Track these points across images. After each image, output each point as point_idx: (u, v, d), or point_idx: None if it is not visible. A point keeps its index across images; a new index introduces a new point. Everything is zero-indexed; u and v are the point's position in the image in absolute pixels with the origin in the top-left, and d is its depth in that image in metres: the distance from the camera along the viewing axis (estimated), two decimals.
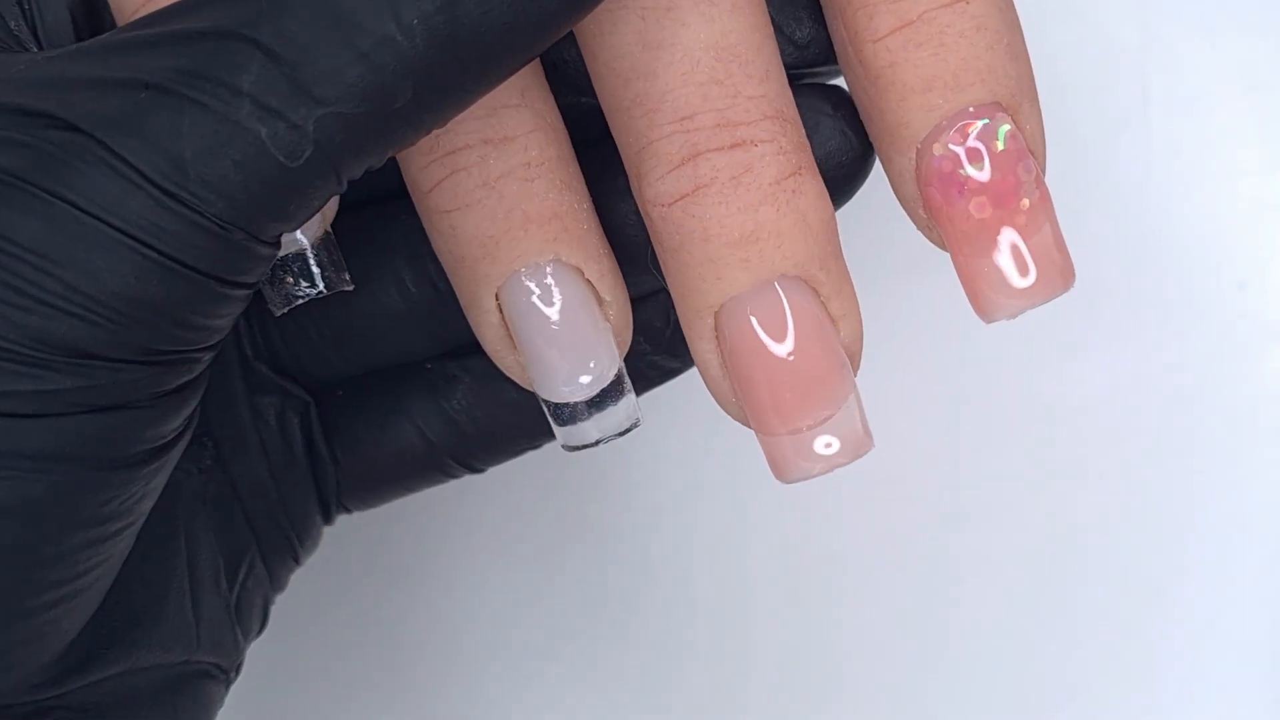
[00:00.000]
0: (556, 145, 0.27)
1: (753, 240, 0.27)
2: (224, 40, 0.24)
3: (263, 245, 0.25)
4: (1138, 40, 0.46)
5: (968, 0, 0.27)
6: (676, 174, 0.27)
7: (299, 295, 0.28)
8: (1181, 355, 0.44)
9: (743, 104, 0.27)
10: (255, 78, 0.24)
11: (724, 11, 0.26)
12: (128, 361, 0.25)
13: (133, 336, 0.25)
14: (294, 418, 0.32)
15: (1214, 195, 0.45)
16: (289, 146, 0.24)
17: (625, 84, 0.27)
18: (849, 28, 0.27)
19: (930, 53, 0.27)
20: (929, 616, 0.44)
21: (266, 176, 0.24)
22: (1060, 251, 0.28)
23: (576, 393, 0.28)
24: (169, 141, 0.24)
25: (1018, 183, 0.27)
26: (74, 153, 0.24)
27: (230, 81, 0.24)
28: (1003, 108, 0.27)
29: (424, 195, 0.27)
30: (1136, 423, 0.45)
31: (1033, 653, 0.44)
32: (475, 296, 0.28)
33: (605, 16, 0.26)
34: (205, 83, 0.24)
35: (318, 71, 0.24)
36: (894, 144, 0.28)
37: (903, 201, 0.28)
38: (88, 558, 0.26)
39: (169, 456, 0.27)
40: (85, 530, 0.26)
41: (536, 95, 0.27)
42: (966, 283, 0.28)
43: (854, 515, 0.44)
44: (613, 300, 0.28)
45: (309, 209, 0.25)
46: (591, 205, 0.28)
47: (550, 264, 0.27)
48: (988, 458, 0.46)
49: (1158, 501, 0.44)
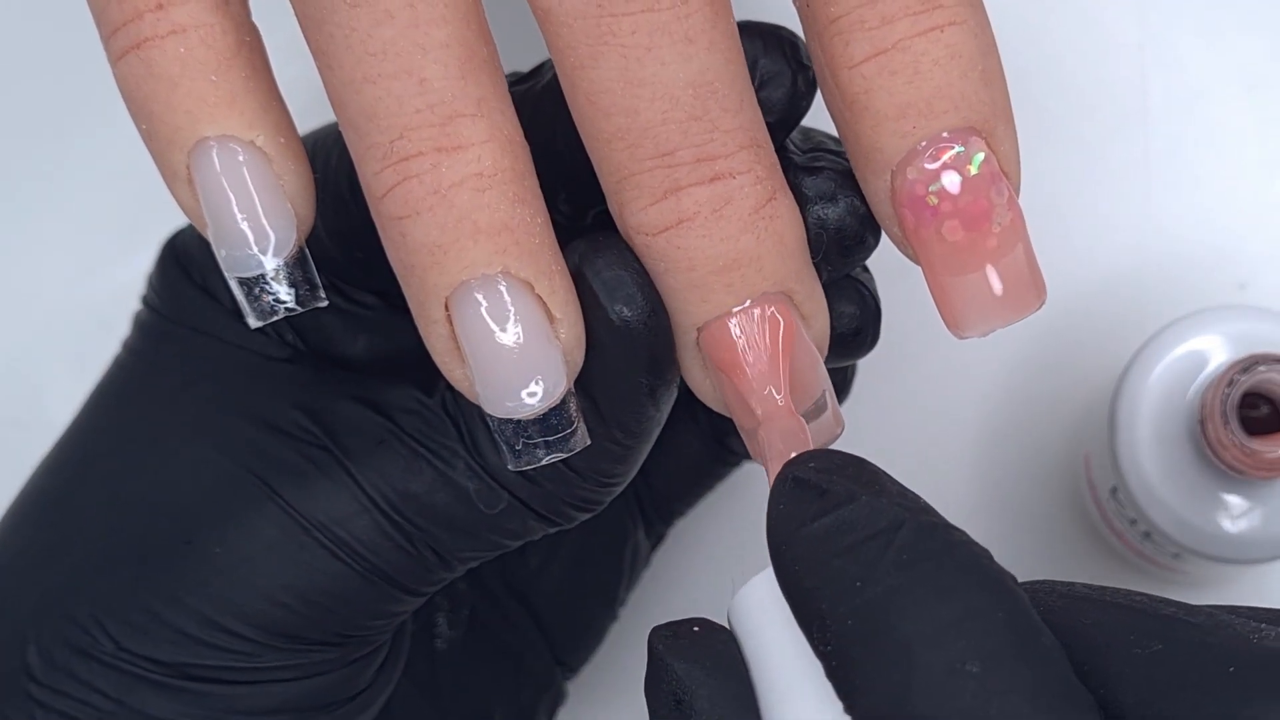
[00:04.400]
0: (512, 158, 0.27)
1: (735, 267, 0.28)
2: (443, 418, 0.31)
3: (450, 570, 0.32)
4: (1138, 40, 0.46)
5: (942, 29, 0.27)
6: (659, 207, 0.27)
7: (274, 310, 0.28)
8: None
9: (720, 138, 0.27)
10: (465, 450, 0.31)
11: (702, 49, 0.27)
12: (319, 645, 0.31)
13: (330, 626, 0.31)
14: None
15: (1214, 195, 0.46)
16: (489, 499, 0.30)
17: (606, 118, 0.27)
18: (826, 53, 0.27)
19: (905, 80, 0.27)
20: None
21: (471, 518, 0.31)
22: (1032, 271, 0.28)
23: (520, 409, 0.28)
24: (399, 480, 0.31)
25: (989, 206, 0.27)
26: (322, 469, 0.31)
27: (449, 446, 0.31)
28: (977, 132, 0.27)
29: (377, 201, 0.27)
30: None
31: None
32: (424, 305, 0.28)
33: (586, 51, 0.27)
34: (433, 443, 0.31)
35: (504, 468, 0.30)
36: (868, 167, 0.28)
37: (879, 221, 0.29)
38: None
39: (357, 704, 0.33)
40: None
41: (494, 106, 0.27)
42: (939, 301, 0.28)
43: None
44: (564, 318, 0.28)
45: (504, 545, 0.31)
46: (548, 220, 0.28)
47: (500, 277, 0.27)
48: (988, 458, 0.46)
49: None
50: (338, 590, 0.31)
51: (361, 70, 0.27)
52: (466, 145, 0.27)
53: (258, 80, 0.28)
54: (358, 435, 0.31)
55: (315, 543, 0.30)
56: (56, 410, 0.36)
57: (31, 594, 0.32)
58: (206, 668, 0.31)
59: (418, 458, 0.31)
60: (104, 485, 0.32)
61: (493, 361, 0.27)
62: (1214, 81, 0.46)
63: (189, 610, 0.31)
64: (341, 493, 0.31)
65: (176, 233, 0.35)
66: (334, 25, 0.27)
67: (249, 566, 0.30)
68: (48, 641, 0.31)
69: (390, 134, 0.27)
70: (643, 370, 0.29)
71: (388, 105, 0.26)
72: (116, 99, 0.28)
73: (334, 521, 0.30)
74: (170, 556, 0.31)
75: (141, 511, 0.32)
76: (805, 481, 0.25)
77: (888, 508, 0.24)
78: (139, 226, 0.38)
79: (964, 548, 0.24)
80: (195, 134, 0.28)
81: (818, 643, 0.24)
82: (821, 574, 0.24)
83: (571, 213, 0.32)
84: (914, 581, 0.24)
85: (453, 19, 0.27)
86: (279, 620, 0.31)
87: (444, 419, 0.31)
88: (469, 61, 0.27)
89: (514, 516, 0.31)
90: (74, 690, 0.31)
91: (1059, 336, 0.45)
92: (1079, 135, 0.46)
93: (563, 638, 0.39)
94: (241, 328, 0.33)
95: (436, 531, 0.31)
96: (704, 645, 0.26)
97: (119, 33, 0.28)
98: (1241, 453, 0.37)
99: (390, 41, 0.26)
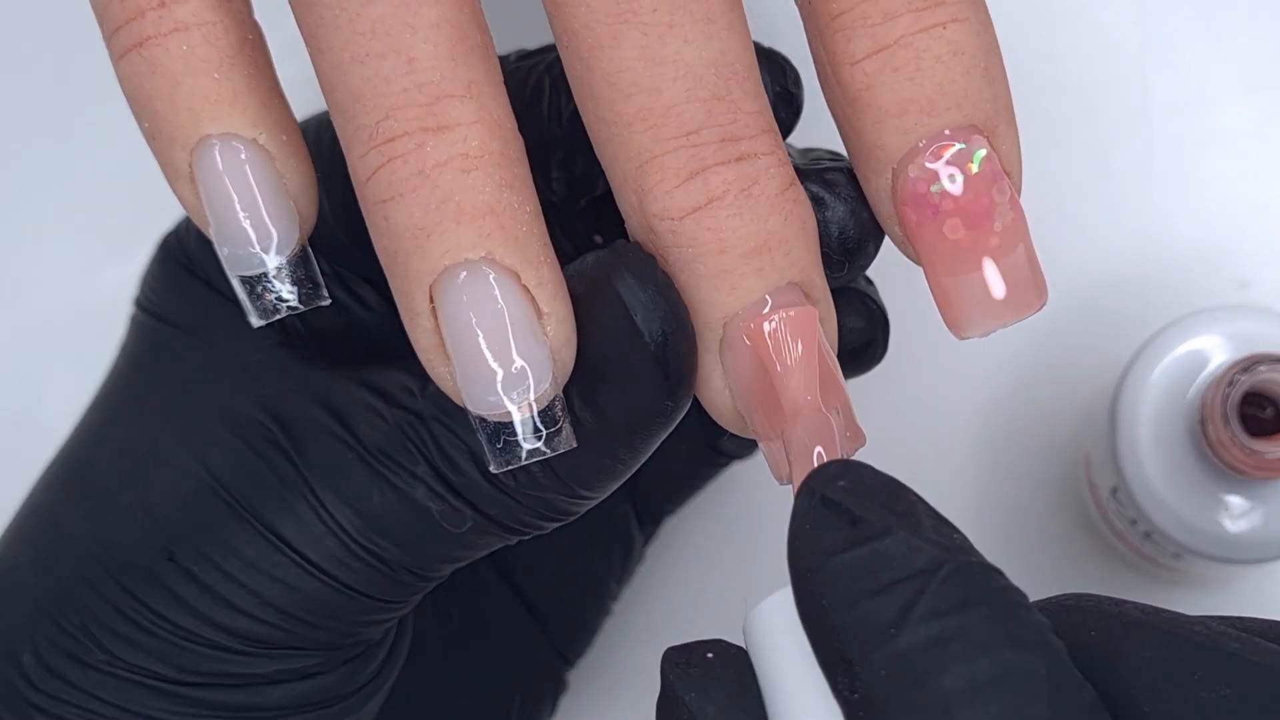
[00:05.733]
0: (501, 142, 0.26)
1: (765, 250, 0.27)
2: (405, 435, 0.30)
3: (428, 581, 0.31)
4: (1138, 40, 0.46)
5: (944, 26, 0.27)
6: (686, 187, 0.27)
7: (276, 309, 0.28)
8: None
9: (744, 119, 0.27)
10: (428, 469, 0.30)
11: (723, 30, 0.27)
12: (310, 650, 0.31)
13: (311, 636, 0.31)
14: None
15: (1215, 195, 0.45)
16: (453, 520, 0.30)
17: (626, 98, 0.27)
18: (827, 50, 0.27)
19: (906, 77, 0.27)
20: None
21: (436, 537, 0.30)
22: (1034, 271, 0.28)
23: (499, 404, 0.27)
24: (362, 504, 0.30)
25: (991, 204, 0.27)
26: (290, 490, 0.30)
27: (410, 468, 0.30)
28: (978, 130, 0.27)
29: (362, 185, 0.27)
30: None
31: None
32: (408, 296, 0.27)
33: (605, 30, 0.26)
34: (392, 462, 0.30)
35: (472, 482, 0.30)
36: (869, 164, 0.28)
37: (880, 219, 0.29)
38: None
39: (361, 696, 0.33)
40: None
41: (485, 90, 0.26)
42: (940, 300, 0.28)
43: None
44: (552, 313, 0.27)
45: (475, 556, 0.31)
46: (538, 210, 0.27)
47: (484, 263, 0.26)
48: (988, 458, 0.46)
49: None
50: (318, 606, 0.31)
51: (350, 50, 0.26)
52: (453, 125, 0.26)
53: (260, 78, 0.28)
54: (325, 453, 0.30)
55: (290, 562, 0.30)
56: (56, 410, 0.36)
57: (27, 606, 0.32)
58: (201, 673, 0.31)
59: (378, 478, 0.30)
60: (95, 498, 0.32)
61: (475, 354, 0.27)
62: (1215, 82, 0.46)
63: (173, 625, 0.31)
64: (308, 515, 0.30)
65: (169, 231, 0.35)
66: (323, 6, 0.26)
67: (229, 584, 0.30)
68: (44, 650, 0.31)
69: (376, 114, 0.26)
70: (667, 394, 0.28)
71: (375, 85, 0.26)
72: (118, 97, 0.28)
73: (303, 544, 0.30)
74: (152, 571, 0.31)
75: (127, 525, 0.32)
76: (835, 504, 0.24)
77: (925, 547, 0.23)
78: (139, 226, 0.38)
79: (1002, 594, 0.23)
80: (198, 132, 0.28)
81: (842, 687, 0.23)
82: (851, 614, 0.23)
83: (567, 197, 0.31)
84: (953, 634, 0.23)
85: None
86: (264, 634, 0.31)
87: (402, 436, 0.30)
88: (460, 44, 0.26)
89: (483, 533, 0.30)
90: (72, 697, 0.31)
91: (1059, 336, 0.45)
92: (1080, 136, 0.46)
93: (559, 630, 0.39)
94: (238, 322, 0.33)
95: (402, 553, 0.30)
96: (717, 676, 0.25)
97: (121, 31, 0.28)
98: (1242, 453, 0.37)
99: (379, 20, 0.26)
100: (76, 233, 0.48)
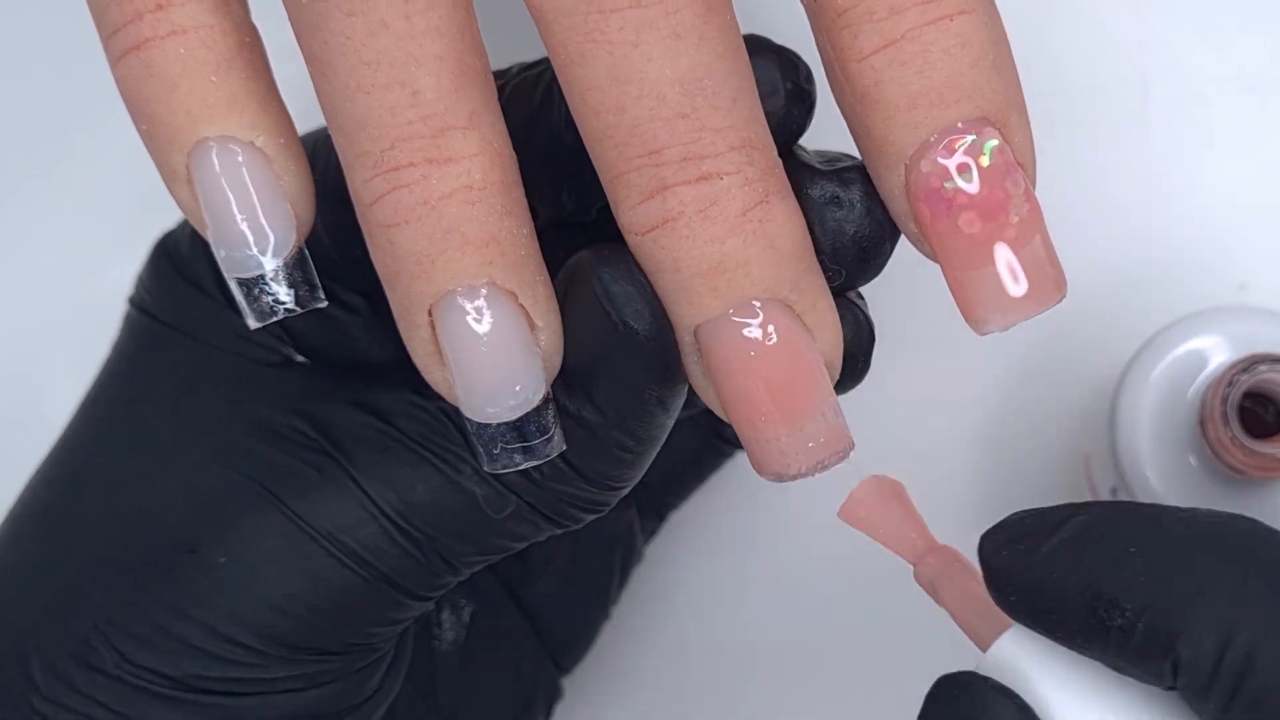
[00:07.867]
0: (500, 170, 0.27)
1: (720, 271, 0.27)
2: (450, 422, 0.31)
3: (455, 573, 0.31)
4: (1138, 40, 0.46)
5: (951, 18, 0.27)
6: (646, 206, 0.27)
7: (274, 311, 0.28)
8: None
9: (709, 137, 0.27)
10: (472, 455, 0.30)
11: (690, 45, 0.27)
12: (324, 654, 0.31)
13: (335, 634, 0.31)
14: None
15: (1214, 195, 0.45)
16: (496, 504, 0.30)
17: (595, 115, 0.27)
18: (835, 46, 0.27)
19: (915, 71, 0.27)
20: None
21: (477, 523, 0.30)
22: (1052, 263, 0.28)
23: (501, 414, 0.28)
24: (405, 487, 0.30)
25: (1006, 197, 0.27)
26: (326, 477, 0.31)
27: (456, 450, 0.30)
28: (990, 122, 0.27)
29: (366, 207, 0.27)
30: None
31: None
32: (408, 311, 0.28)
33: (576, 49, 0.27)
34: (437, 447, 0.30)
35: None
36: (881, 161, 0.28)
37: (894, 217, 0.28)
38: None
39: (362, 712, 0.33)
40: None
41: (485, 120, 0.27)
42: (958, 296, 0.28)
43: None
44: (545, 325, 0.28)
45: (510, 549, 0.31)
46: (532, 230, 0.28)
47: (485, 286, 0.27)
48: (988, 458, 0.46)
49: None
50: (343, 598, 0.31)
51: (355, 79, 0.27)
52: (458, 158, 0.27)
53: (257, 81, 0.28)
54: (360, 441, 0.31)
55: (322, 551, 0.30)
56: (56, 410, 0.36)
57: (32, 607, 0.32)
58: (211, 679, 0.31)
59: (423, 463, 0.31)
60: (100, 496, 0.32)
61: (475, 369, 0.28)
62: (1214, 81, 0.46)
63: (192, 620, 0.31)
64: (347, 501, 0.30)
65: (167, 233, 0.35)
66: (328, 33, 0.27)
67: (252, 575, 0.30)
68: (50, 654, 0.31)
69: (381, 143, 0.27)
70: (652, 381, 0.29)
71: (380, 115, 0.27)
72: (116, 99, 0.28)
73: (340, 530, 0.30)
74: (171, 567, 0.31)
75: (139, 521, 0.32)
76: (1015, 522, 0.29)
77: (1095, 507, 0.29)
78: (139, 226, 0.38)
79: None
80: (195, 135, 0.28)
81: (1112, 617, 0.28)
82: (1087, 570, 0.28)
83: (576, 208, 0.32)
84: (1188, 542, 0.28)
85: (447, 31, 0.27)
86: (284, 629, 0.31)
87: (446, 423, 0.31)
88: (462, 75, 0.27)
89: (521, 520, 0.31)
90: (77, 704, 0.31)
91: (1059, 336, 0.45)
92: (1079, 135, 0.46)
93: (557, 638, 0.39)
94: (235, 329, 0.33)
95: (443, 537, 0.31)
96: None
97: (119, 34, 0.28)
98: (1242, 453, 0.37)
99: (384, 51, 0.26)
100: (76, 233, 0.48)
